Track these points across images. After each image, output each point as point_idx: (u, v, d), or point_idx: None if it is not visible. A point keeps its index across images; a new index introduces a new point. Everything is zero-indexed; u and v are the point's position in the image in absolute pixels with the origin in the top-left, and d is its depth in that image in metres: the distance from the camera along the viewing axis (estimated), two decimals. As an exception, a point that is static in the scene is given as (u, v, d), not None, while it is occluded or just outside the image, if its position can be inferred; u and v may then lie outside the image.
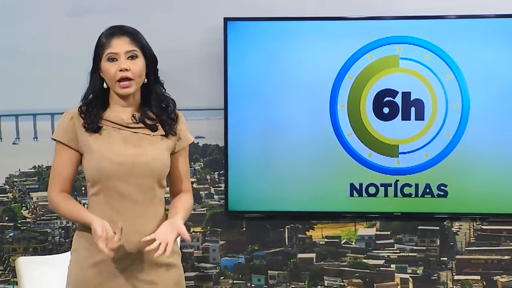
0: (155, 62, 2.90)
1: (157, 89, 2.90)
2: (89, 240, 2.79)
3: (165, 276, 2.88)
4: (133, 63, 2.80)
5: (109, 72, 2.80)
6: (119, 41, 2.80)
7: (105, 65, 2.81)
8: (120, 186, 2.80)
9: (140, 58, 2.82)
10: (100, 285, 2.80)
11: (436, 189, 4.44)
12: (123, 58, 2.79)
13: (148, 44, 2.88)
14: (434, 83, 4.40)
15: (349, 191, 4.49)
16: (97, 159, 2.80)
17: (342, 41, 4.42)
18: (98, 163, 2.79)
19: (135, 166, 2.80)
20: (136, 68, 2.80)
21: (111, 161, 2.79)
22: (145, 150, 2.84)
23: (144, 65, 2.83)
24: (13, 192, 4.77)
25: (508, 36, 4.34)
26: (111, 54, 2.80)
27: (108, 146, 2.81)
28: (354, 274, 4.65)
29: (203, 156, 4.69)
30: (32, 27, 4.62)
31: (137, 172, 2.81)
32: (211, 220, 4.70)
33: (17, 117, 4.73)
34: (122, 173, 2.79)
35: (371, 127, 4.46)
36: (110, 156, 2.79)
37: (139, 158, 2.81)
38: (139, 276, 2.83)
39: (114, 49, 2.79)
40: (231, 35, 4.43)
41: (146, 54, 2.84)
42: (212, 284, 4.70)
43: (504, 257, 4.58)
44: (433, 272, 4.62)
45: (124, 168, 2.79)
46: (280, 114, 4.48)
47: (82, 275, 2.82)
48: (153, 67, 2.89)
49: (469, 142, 4.40)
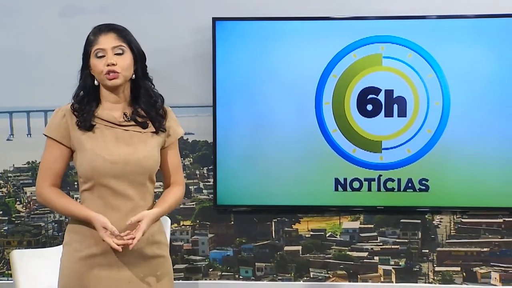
0: (143, 57, 2.91)
1: (146, 84, 2.91)
2: (80, 233, 2.81)
3: (154, 268, 2.90)
4: (120, 58, 2.81)
5: (97, 67, 2.81)
6: (106, 37, 2.82)
7: (94, 61, 2.82)
8: (113, 183, 2.81)
9: (127, 53, 2.83)
10: (91, 277, 2.81)
11: (417, 183, 4.46)
12: (110, 53, 2.80)
13: (136, 40, 2.89)
14: (416, 81, 4.42)
15: (334, 186, 4.50)
16: (90, 158, 2.80)
17: (327, 40, 4.43)
18: (92, 161, 2.80)
19: (128, 164, 2.81)
20: (123, 63, 2.81)
21: (104, 159, 2.79)
22: (136, 148, 2.85)
23: (131, 60, 2.84)
24: (7, 187, 4.76)
25: (487, 36, 4.36)
26: (99, 50, 2.81)
27: (101, 145, 2.82)
28: (338, 266, 4.67)
29: (193, 152, 4.68)
30: (25, 26, 4.61)
31: (129, 170, 2.82)
32: (200, 214, 4.71)
33: (11, 114, 4.72)
34: (114, 171, 2.80)
35: (355, 124, 4.47)
36: (103, 155, 2.80)
37: (131, 156, 2.82)
38: (129, 268, 2.84)
39: (101, 45, 2.81)
40: (219, 34, 4.44)
41: (133, 50, 2.85)
42: (201, 276, 4.71)
43: (483, 249, 4.59)
44: (415, 264, 4.63)
45: (117, 166, 2.80)
46: (267, 111, 4.49)
47: (74, 267, 2.82)
48: (141, 62, 2.89)
49: (450, 138, 4.42)
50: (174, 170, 3.02)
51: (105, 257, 2.81)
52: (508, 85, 4.37)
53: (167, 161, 2.98)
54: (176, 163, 3.02)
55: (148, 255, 2.87)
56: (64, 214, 2.94)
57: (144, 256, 2.86)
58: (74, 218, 2.84)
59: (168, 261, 2.97)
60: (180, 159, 3.05)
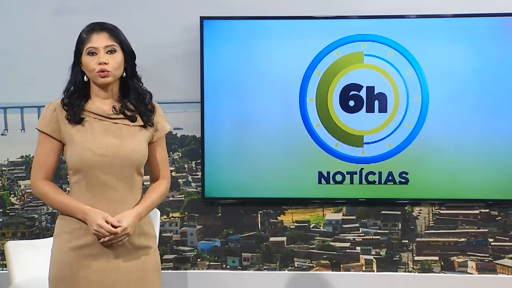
0: (133, 56, 2.89)
1: (135, 83, 2.90)
2: (71, 225, 2.80)
3: (142, 258, 2.88)
4: (112, 57, 2.80)
5: (89, 65, 2.80)
6: (99, 37, 2.80)
7: (86, 58, 2.80)
8: (101, 175, 2.80)
9: (118, 52, 2.82)
10: (81, 267, 2.80)
11: (398, 176, 4.48)
12: (102, 52, 2.79)
13: (127, 40, 2.88)
14: (396, 78, 4.43)
15: (317, 179, 4.52)
16: (79, 150, 2.79)
17: (311, 39, 4.45)
18: (81, 154, 2.79)
19: (116, 157, 2.80)
20: (114, 62, 2.80)
21: (93, 152, 2.78)
22: (125, 141, 2.83)
23: (122, 59, 2.83)
24: (2, 180, 4.75)
25: (464, 34, 4.38)
26: (91, 49, 2.80)
27: (90, 138, 2.80)
28: (322, 256, 4.68)
29: (181, 146, 4.68)
30: (19, 26, 4.60)
31: (117, 163, 2.81)
32: (188, 206, 4.71)
33: (5, 110, 4.71)
34: (103, 163, 2.79)
35: (337, 119, 4.49)
36: (92, 148, 2.79)
37: (119, 149, 2.81)
38: (118, 258, 2.83)
39: (94, 43, 2.79)
40: (207, 33, 4.44)
41: (124, 49, 2.84)
42: (190, 266, 4.72)
43: (460, 239, 4.61)
44: (395, 254, 4.65)
45: (105, 159, 2.79)
46: (253, 107, 4.50)
47: (64, 258, 2.81)
48: (131, 61, 2.88)
49: (429, 133, 4.44)
50: (161, 165, 3.00)
51: (94, 248, 2.79)
52: (484, 82, 4.40)
53: (154, 155, 2.96)
54: (163, 158, 3.01)
55: (136, 246, 2.86)
56: (57, 209, 2.88)
57: (132, 247, 2.85)
58: (68, 214, 2.82)
59: (156, 252, 2.96)
60: (166, 154, 3.04)
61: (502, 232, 4.58)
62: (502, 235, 4.58)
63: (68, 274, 2.79)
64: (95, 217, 2.75)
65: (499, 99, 4.39)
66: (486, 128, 4.41)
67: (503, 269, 4.59)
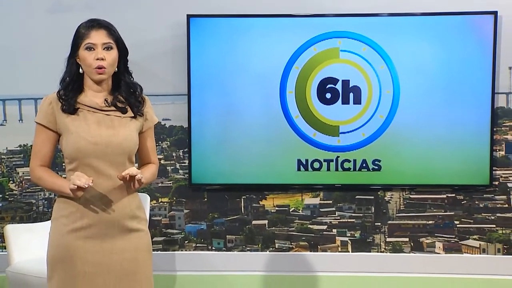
0: (126, 53, 2.92)
1: (126, 77, 2.92)
2: (68, 208, 2.83)
3: (134, 240, 2.91)
4: (108, 53, 2.82)
5: (87, 60, 2.81)
6: (98, 33, 2.82)
7: (83, 53, 2.82)
8: (95, 162, 2.82)
9: (114, 49, 2.84)
10: (77, 248, 2.82)
11: (371, 164, 4.51)
12: (100, 48, 2.81)
13: (121, 37, 2.90)
14: (369, 72, 4.46)
15: (296, 166, 4.54)
16: (74, 139, 2.81)
17: (290, 36, 4.46)
18: (76, 143, 2.81)
19: (109, 145, 2.82)
20: (110, 58, 2.83)
21: (87, 141, 2.80)
22: (117, 131, 2.85)
23: (116, 56, 2.86)
24: (1, 167, 4.75)
25: (432, 31, 4.41)
26: (90, 44, 2.81)
27: (84, 128, 2.82)
28: (301, 238, 4.71)
29: (170, 136, 4.68)
30: (17, 23, 4.60)
31: (110, 151, 2.83)
32: (176, 192, 4.73)
33: (4, 101, 4.69)
34: (97, 151, 2.81)
35: (315, 110, 4.51)
36: (86, 137, 2.81)
37: (112, 138, 2.83)
38: (112, 240, 2.86)
39: (93, 40, 2.81)
40: (193, 30, 4.45)
41: (119, 46, 2.87)
42: (178, 247, 4.74)
43: (428, 222, 4.65)
44: (368, 235, 4.68)
45: (99, 147, 2.81)
46: (237, 99, 4.51)
47: (62, 240, 2.84)
48: (124, 58, 2.91)
49: (400, 123, 4.47)
50: (150, 152, 3.03)
51: (89, 230, 2.82)
52: (451, 76, 4.43)
53: (144, 144, 2.99)
54: (152, 146, 3.04)
55: (128, 229, 2.89)
56: (49, 189, 2.91)
57: (125, 229, 2.88)
58: (60, 192, 2.84)
59: (147, 234, 2.98)
60: (155, 143, 3.07)
61: (467, 215, 4.62)
62: (467, 218, 4.62)
63: (65, 255, 2.82)
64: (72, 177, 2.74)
65: (464, 92, 4.42)
66: (452, 119, 4.44)
67: (468, 249, 4.63)
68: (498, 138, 4.54)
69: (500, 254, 4.62)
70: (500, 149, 4.55)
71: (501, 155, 4.56)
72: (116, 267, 2.86)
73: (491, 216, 4.61)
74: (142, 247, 2.94)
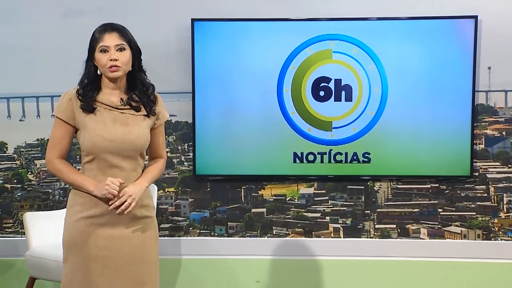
0: (139, 53, 2.94)
1: (140, 76, 2.94)
2: (82, 197, 2.87)
3: (143, 226, 2.95)
4: (121, 54, 2.84)
5: (102, 61, 2.84)
6: (110, 36, 2.84)
7: (98, 55, 2.85)
8: (110, 157, 2.85)
9: (127, 50, 2.86)
10: (90, 233, 2.86)
11: (361, 156, 4.51)
12: (113, 50, 2.83)
13: (134, 39, 2.92)
14: (360, 71, 4.45)
15: (292, 159, 4.54)
16: (91, 136, 2.84)
17: (287, 38, 4.45)
18: (93, 139, 2.84)
19: (123, 142, 2.85)
20: (123, 58, 2.85)
21: (103, 138, 2.83)
22: (131, 128, 2.88)
23: (130, 55, 2.87)
24: (20, 160, 4.75)
25: (418, 34, 4.40)
26: (103, 47, 2.84)
27: (101, 125, 2.84)
28: (296, 225, 4.70)
29: (175, 130, 4.68)
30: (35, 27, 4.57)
31: (124, 147, 2.86)
32: (182, 182, 4.72)
33: (23, 99, 4.69)
34: (112, 147, 2.84)
35: (310, 107, 4.50)
36: (102, 134, 2.83)
37: (126, 135, 2.85)
38: (122, 226, 2.89)
39: (106, 42, 2.83)
40: (197, 32, 4.44)
41: (132, 47, 2.89)
42: (183, 233, 4.73)
43: (414, 210, 4.64)
44: (359, 223, 4.68)
45: (114, 143, 2.84)
46: (237, 97, 4.50)
47: (76, 225, 2.87)
48: (137, 57, 2.93)
49: (388, 119, 4.46)
50: (160, 147, 3.07)
51: (101, 218, 2.86)
52: (435, 75, 4.41)
53: (155, 139, 3.02)
54: (162, 141, 3.07)
55: (137, 216, 2.92)
56: (70, 184, 2.92)
57: (134, 217, 2.91)
58: (80, 188, 2.86)
59: (154, 221, 3.02)
60: (164, 138, 3.10)
61: (449, 204, 4.62)
62: (450, 206, 4.62)
63: (79, 240, 2.87)
64: (101, 185, 2.79)
65: (447, 90, 4.41)
66: (436, 115, 4.43)
67: (450, 235, 4.63)
68: (478, 132, 4.55)
69: (479, 240, 4.62)
70: (480, 143, 4.56)
71: (481, 148, 4.57)
72: (125, 251, 2.90)
73: (471, 205, 4.62)
74: (149, 232, 2.98)
